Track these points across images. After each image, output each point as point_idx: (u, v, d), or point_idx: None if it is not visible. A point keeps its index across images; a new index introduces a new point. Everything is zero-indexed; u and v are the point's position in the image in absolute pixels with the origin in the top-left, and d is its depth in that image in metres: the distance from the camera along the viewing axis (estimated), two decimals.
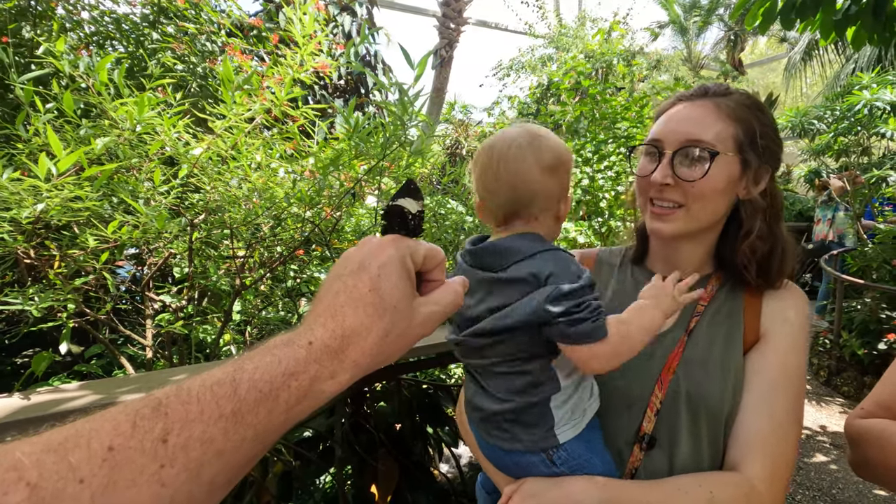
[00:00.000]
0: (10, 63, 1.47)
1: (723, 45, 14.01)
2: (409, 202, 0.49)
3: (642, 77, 6.57)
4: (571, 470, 0.74)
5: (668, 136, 0.84)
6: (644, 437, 0.79)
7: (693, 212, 0.83)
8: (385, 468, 2.38)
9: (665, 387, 0.80)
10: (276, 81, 1.71)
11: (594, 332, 0.68)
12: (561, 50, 9.45)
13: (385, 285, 0.42)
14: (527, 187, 0.74)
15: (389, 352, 0.42)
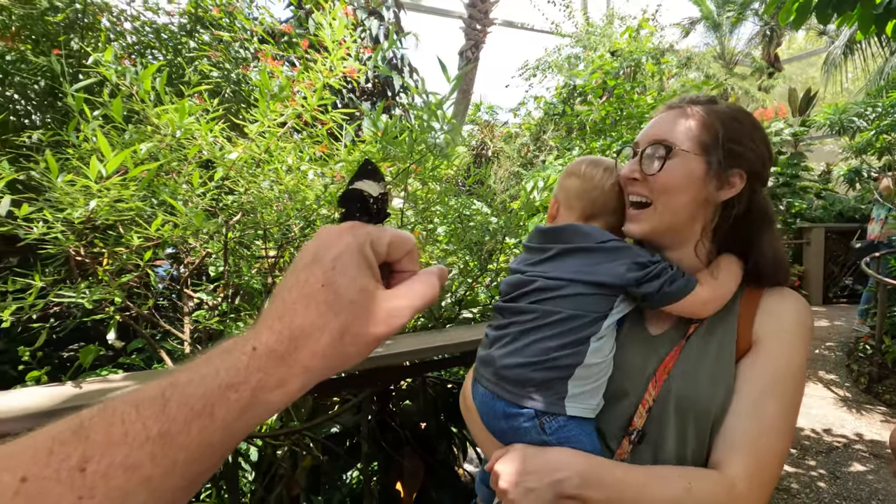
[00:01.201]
0: (64, 73, 1.57)
1: (758, 40, 13.57)
2: (369, 184, 0.44)
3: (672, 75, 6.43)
4: (559, 441, 0.80)
5: (642, 138, 0.93)
6: (634, 432, 0.83)
7: (659, 208, 0.88)
8: (410, 466, 2.41)
9: (659, 386, 0.84)
10: (306, 86, 1.77)
11: (689, 283, 0.83)
12: (588, 49, 9.35)
13: (340, 279, 0.37)
14: (617, 200, 0.95)
15: (347, 353, 0.37)
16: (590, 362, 0.82)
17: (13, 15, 2.47)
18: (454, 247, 2.09)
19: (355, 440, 2.50)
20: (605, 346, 0.85)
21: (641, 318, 0.93)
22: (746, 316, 0.86)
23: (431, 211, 2.07)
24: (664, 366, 0.85)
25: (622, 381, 0.87)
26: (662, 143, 0.87)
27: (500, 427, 0.87)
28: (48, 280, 1.33)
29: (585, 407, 0.83)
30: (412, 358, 1.59)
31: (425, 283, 0.42)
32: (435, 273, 0.43)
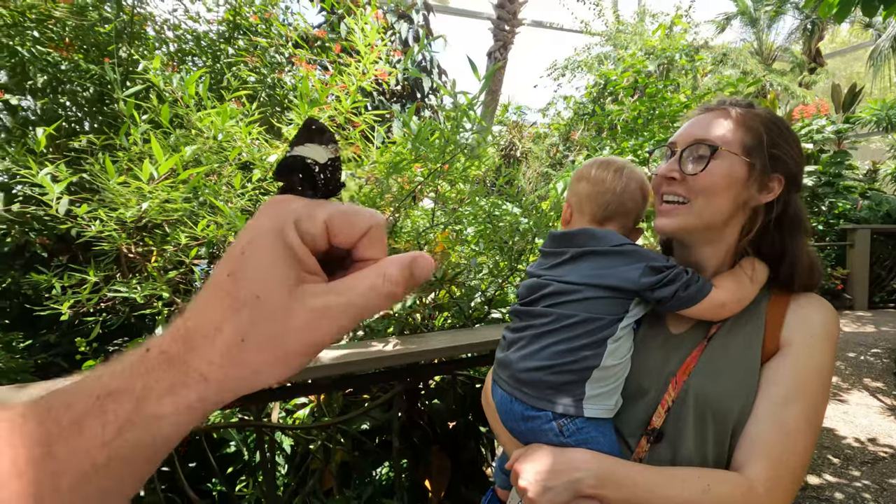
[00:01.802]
0: (115, 80, 1.66)
1: (798, 34, 13.07)
2: (315, 149, 0.35)
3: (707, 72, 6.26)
4: (577, 443, 0.81)
5: (680, 138, 0.92)
6: (652, 431, 0.84)
7: (696, 208, 0.87)
8: (438, 464, 2.43)
9: (679, 386, 0.84)
10: (339, 89, 1.82)
11: (704, 288, 0.83)
12: (619, 47, 9.20)
13: (248, 268, 0.29)
14: (631, 200, 0.95)
15: (252, 365, 0.29)
16: (607, 364, 0.83)
17: (67, 27, 2.61)
18: (484, 247, 2.10)
19: (384, 437, 2.55)
20: (621, 347, 0.86)
21: (662, 317, 0.94)
22: (774, 319, 0.86)
23: (460, 212, 2.08)
24: (685, 366, 0.85)
25: (642, 380, 0.88)
26: (705, 143, 0.87)
27: (520, 428, 0.88)
28: (101, 276, 1.42)
29: (603, 408, 0.84)
30: (442, 356, 1.61)
31: (372, 275, 0.31)
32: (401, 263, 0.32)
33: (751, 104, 0.92)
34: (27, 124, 2.56)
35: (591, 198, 0.95)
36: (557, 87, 10.09)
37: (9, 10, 2.50)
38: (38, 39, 2.60)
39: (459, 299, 2.17)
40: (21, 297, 2.84)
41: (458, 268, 2.04)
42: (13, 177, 2.54)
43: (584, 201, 0.96)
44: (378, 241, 0.33)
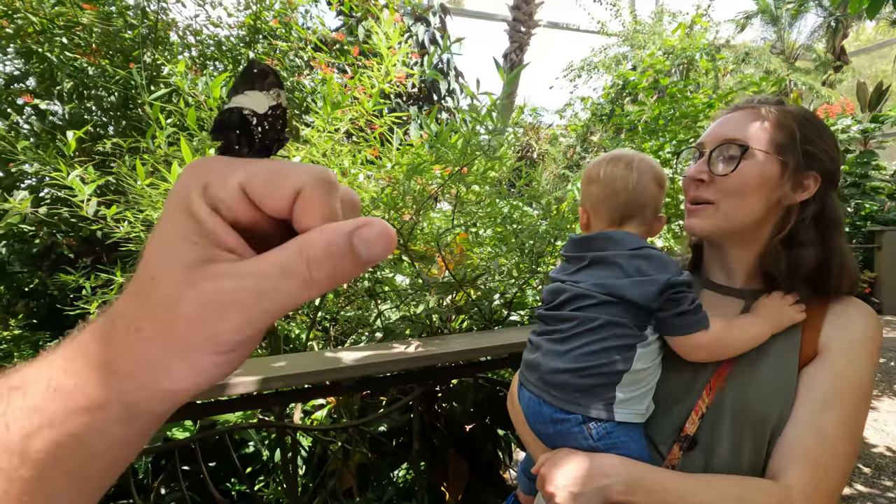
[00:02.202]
0: (141, 84, 1.69)
1: (821, 32, 12.79)
2: (255, 98, 0.29)
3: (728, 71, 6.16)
4: (606, 447, 0.80)
5: (708, 139, 0.89)
6: (685, 438, 0.81)
7: (725, 208, 0.84)
8: (455, 467, 2.42)
9: (713, 393, 0.82)
10: (359, 91, 1.83)
11: (696, 323, 0.79)
12: (636, 48, 9.10)
13: (152, 245, 0.25)
14: (645, 193, 0.91)
15: (154, 360, 0.24)
16: (637, 368, 0.81)
17: (94, 33, 2.68)
18: (505, 248, 2.09)
19: (402, 439, 2.54)
20: (651, 350, 0.84)
21: None
22: (812, 323, 0.83)
23: (480, 214, 2.08)
24: (720, 372, 0.82)
25: (674, 386, 0.85)
26: (735, 143, 0.84)
27: (547, 431, 0.87)
28: (128, 277, 1.44)
29: (634, 412, 0.82)
30: (463, 358, 1.60)
31: (286, 253, 0.23)
32: (331, 236, 0.23)
33: (781, 101, 0.89)
34: (55, 129, 2.63)
35: (605, 200, 0.92)
36: (573, 89, 10.02)
37: (38, 17, 2.57)
38: (66, 46, 2.66)
39: (479, 301, 2.16)
40: (48, 298, 2.91)
41: (479, 270, 2.02)
42: (41, 180, 2.61)
43: (599, 205, 0.93)
44: (315, 205, 0.24)
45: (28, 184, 2.73)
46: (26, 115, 2.84)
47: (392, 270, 2.34)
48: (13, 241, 2.81)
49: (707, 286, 0.95)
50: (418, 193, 1.71)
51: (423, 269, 2.13)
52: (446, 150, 1.62)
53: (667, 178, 0.95)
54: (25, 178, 2.67)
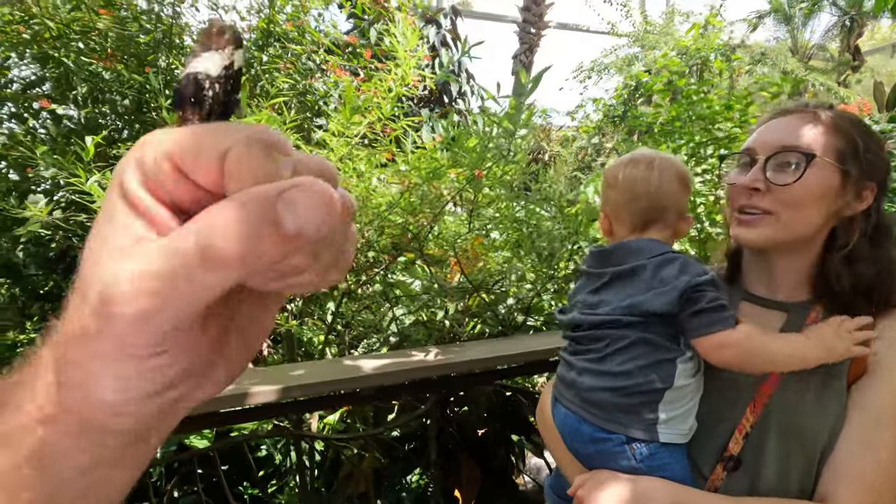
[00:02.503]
0: (158, 88, 1.69)
1: (836, 31, 12.61)
2: (210, 59, 0.26)
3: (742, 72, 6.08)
4: (649, 469, 0.77)
5: (761, 144, 0.83)
6: (729, 458, 0.78)
7: (783, 220, 0.80)
8: (468, 473, 2.40)
9: (758, 411, 0.78)
10: (373, 94, 1.81)
11: (717, 322, 0.74)
12: (647, 48, 9.02)
13: (93, 231, 0.22)
14: (668, 194, 0.86)
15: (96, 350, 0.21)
16: (679, 384, 0.78)
17: (109, 38, 2.69)
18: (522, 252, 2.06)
19: (413, 444, 2.53)
20: (691, 366, 0.81)
21: None
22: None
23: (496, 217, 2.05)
24: (764, 389, 0.79)
25: (716, 404, 0.82)
26: (796, 150, 0.79)
27: (587, 451, 0.84)
28: None
29: (678, 432, 0.79)
30: (480, 366, 1.58)
31: (187, 231, 0.19)
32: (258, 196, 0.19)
33: (832, 105, 0.86)
34: (70, 133, 2.64)
35: (626, 205, 0.88)
36: (583, 90, 9.95)
37: (55, 22, 2.59)
38: (82, 50, 2.68)
39: (493, 306, 2.14)
40: (63, 301, 2.94)
41: (495, 275, 2.00)
42: (57, 184, 2.62)
43: (620, 210, 0.90)
44: (243, 167, 0.19)
45: (44, 188, 2.74)
46: (42, 120, 2.87)
47: (405, 274, 2.32)
48: (29, 245, 2.83)
49: (746, 298, 0.91)
50: (435, 198, 1.70)
51: (438, 273, 2.11)
52: (464, 153, 1.60)
53: (690, 177, 0.90)
54: (41, 182, 2.69)
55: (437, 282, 1.91)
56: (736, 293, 0.93)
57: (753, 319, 0.85)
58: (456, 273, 2.25)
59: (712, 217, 2.94)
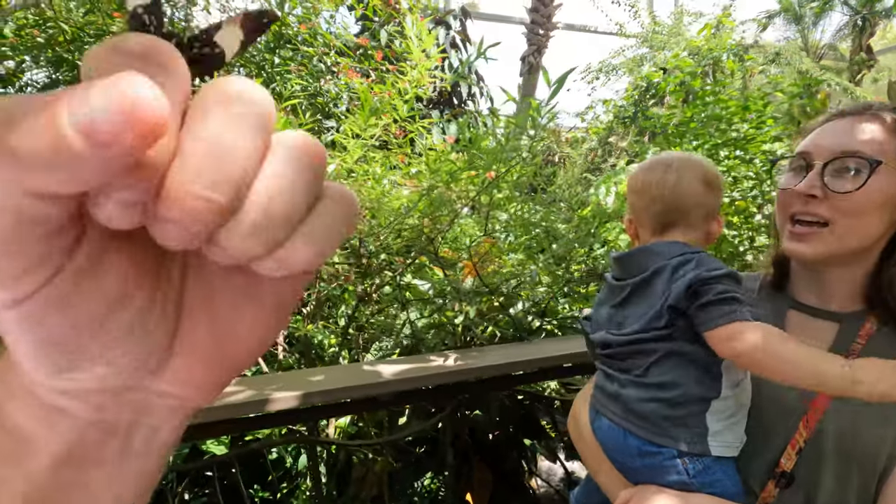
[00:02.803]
0: None
1: (847, 30, 12.48)
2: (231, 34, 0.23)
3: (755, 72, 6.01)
4: (702, 484, 0.74)
5: (818, 148, 0.78)
6: (782, 475, 0.74)
7: (840, 231, 0.75)
8: (480, 477, 2.38)
9: (812, 426, 0.74)
10: (388, 96, 1.80)
11: (726, 314, 0.70)
12: (655, 49, 8.96)
13: None
14: (687, 195, 0.83)
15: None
16: (726, 394, 0.76)
17: None
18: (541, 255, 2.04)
19: (425, 447, 2.51)
20: (734, 371, 0.78)
21: None
22: None
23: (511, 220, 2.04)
24: (818, 402, 0.75)
25: (767, 416, 0.78)
26: (858, 156, 0.74)
27: (634, 465, 0.81)
28: None
29: (728, 445, 0.76)
30: (500, 372, 1.56)
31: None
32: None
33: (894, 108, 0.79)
34: None
35: (645, 209, 0.87)
36: (592, 91, 9.91)
37: (69, 26, 2.60)
38: None
39: (507, 309, 2.12)
40: None
41: (513, 278, 1.98)
42: None
43: (641, 214, 0.88)
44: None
45: None
46: None
47: (416, 276, 2.31)
48: None
49: (795, 307, 0.86)
50: (452, 201, 1.68)
51: (451, 276, 2.09)
52: (481, 155, 1.59)
53: (720, 178, 0.87)
54: None
55: (453, 285, 1.90)
56: (783, 301, 0.89)
57: (803, 330, 0.82)
58: (468, 276, 2.23)
59: (728, 219, 2.90)
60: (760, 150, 2.60)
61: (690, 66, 3.55)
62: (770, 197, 2.46)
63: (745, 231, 2.71)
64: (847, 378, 0.63)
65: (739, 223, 2.73)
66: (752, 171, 2.62)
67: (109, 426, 0.22)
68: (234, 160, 0.16)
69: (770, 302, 0.90)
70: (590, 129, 5.61)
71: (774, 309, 0.89)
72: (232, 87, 0.17)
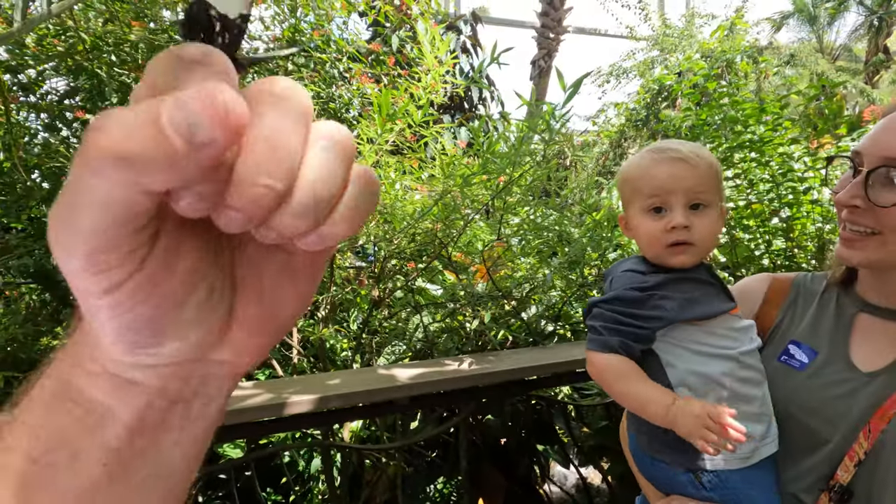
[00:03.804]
0: None
1: (863, 31, 12.30)
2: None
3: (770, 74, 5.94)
4: (723, 498, 0.71)
5: (869, 150, 0.72)
6: (837, 488, 0.69)
7: (892, 242, 0.70)
8: (492, 481, 2.37)
9: (874, 436, 0.68)
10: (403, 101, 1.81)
11: (590, 341, 0.76)
12: (666, 51, 8.91)
13: None
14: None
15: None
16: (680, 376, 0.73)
17: (140, 49, 2.76)
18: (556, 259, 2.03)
19: (437, 452, 2.50)
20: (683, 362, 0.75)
21: (845, 350, 0.78)
22: None
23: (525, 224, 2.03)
24: (882, 411, 0.69)
25: (819, 425, 0.74)
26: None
27: (659, 480, 0.79)
28: None
29: (730, 457, 0.71)
30: (516, 376, 1.55)
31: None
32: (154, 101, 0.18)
33: None
34: None
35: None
36: (602, 94, 9.87)
37: (89, 35, 2.65)
38: (114, 62, 2.75)
39: (520, 314, 2.11)
40: None
41: (525, 282, 1.97)
42: None
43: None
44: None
45: None
46: (75, 130, 2.94)
47: (428, 280, 2.31)
48: None
49: (865, 309, 0.81)
50: (466, 205, 1.68)
51: (464, 280, 2.09)
52: (494, 159, 1.58)
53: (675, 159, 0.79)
54: None
55: (467, 289, 1.90)
56: (852, 303, 0.84)
57: (870, 332, 0.77)
58: (479, 280, 2.23)
59: (743, 223, 2.86)
60: (777, 153, 2.56)
61: (703, 68, 3.52)
62: (787, 200, 2.43)
63: (760, 234, 2.67)
64: (666, 422, 0.68)
65: (755, 226, 2.69)
66: (767, 173, 2.58)
67: (176, 395, 0.24)
68: (287, 152, 0.19)
69: (837, 303, 0.85)
70: (601, 133, 5.58)
71: (837, 307, 0.84)
72: (278, 86, 0.20)
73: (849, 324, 0.80)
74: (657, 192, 0.78)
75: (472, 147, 2.18)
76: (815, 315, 0.86)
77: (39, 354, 2.53)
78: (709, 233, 0.77)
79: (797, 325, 0.86)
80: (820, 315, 0.85)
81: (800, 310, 0.88)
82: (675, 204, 0.77)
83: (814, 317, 0.86)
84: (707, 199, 0.77)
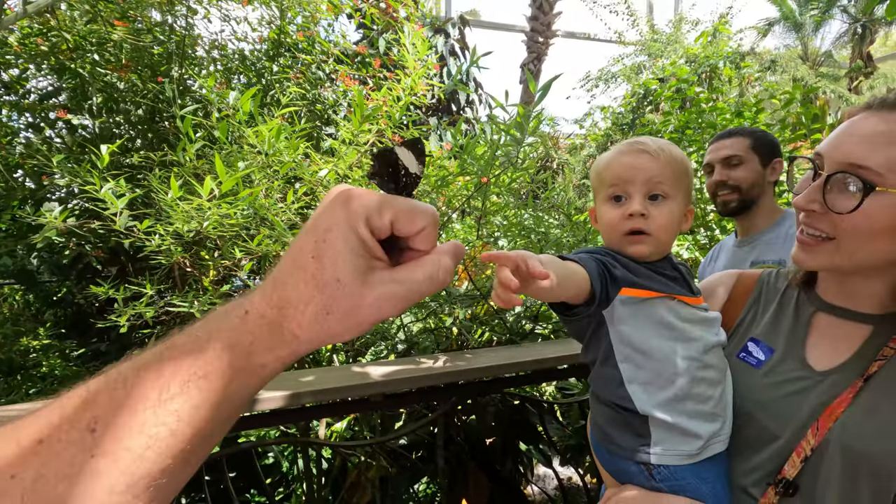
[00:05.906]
0: (173, 97, 1.71)
1: (846, 38, 12.53)
2: (409, 158, 0.43)
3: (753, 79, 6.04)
4: (672, 490, 0.72)
5: (830, 154, 0.70)
6: (783, 482, 0.70)
7: (847, 249, 0.69)
8: (476, 481, 2.38)
9: (822, 433, 0.69)
10: (382, 102, 1.83)
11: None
12: (654, 57, 9.02)
13: (328, 254, 0.35)
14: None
15: (333, 331, 0.36)
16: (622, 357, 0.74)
17: (124, 49, 2.74)
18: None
19: (421, 453, 2.51)
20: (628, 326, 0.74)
21: (801, 349, 0.78)
22: None
23: (504, 225, 2.05)
24: (831, 410, 0.69)
25: (769, 421, 0.74)
26: (858, 175, 0.66)
27: (612, 469, 0.80)
28: (155, 289, 1.45)
29: (675, 453, 0.72)
30: (491, 374, 1.57)
31: (430, 266, 0.38)
32: (446, 252, 0.39)
33: None
34: (85, 142, 2.69)
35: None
36: (591, 98, 9.97)
37: (72, 35, 2.64)
38: (97, 62, 2.73)
39: (500, 313, 2.13)
40: (75, 307, 2.96)
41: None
42: (71, 191, 2.66)
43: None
44: (431, 236, 0.39)
45: (58, 196, 2.79)
46: (58, 129, 2.92)
47: None
48: (43, 252, 2.86)
49: (823, 308, 0.80)
50: (444, 206, 1.70)
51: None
52: (472, 161, 1.61)
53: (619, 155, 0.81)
54: (56, 190, 2.73)
55: (446, 289, 1.91)
56: (812, 301, 0.83)
57: (831, 332, 0.77)
58: (463, 280, 2.25)
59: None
60: None
61: (687, 73, 3.58)
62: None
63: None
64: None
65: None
66: None
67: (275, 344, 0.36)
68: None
69: (797, 302, 0.85)
70: (588, 136, 5.64)
71: (796, 305, 0.84)
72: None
73: (807, 323, 0.80)
74: (617, 181, 0.79)
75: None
76: (775, 313, 0.86)
77: (18, 355, 2.50)
78: (666, 223, 0.77)
79: (758, 322, 0.86)
80: (780, 313, 0.85)
81: (762, 307, 0.88)
82: (634, 193, 0.77)
83: (774, 315, 0.86)
84: (666, 190, 0.78)
